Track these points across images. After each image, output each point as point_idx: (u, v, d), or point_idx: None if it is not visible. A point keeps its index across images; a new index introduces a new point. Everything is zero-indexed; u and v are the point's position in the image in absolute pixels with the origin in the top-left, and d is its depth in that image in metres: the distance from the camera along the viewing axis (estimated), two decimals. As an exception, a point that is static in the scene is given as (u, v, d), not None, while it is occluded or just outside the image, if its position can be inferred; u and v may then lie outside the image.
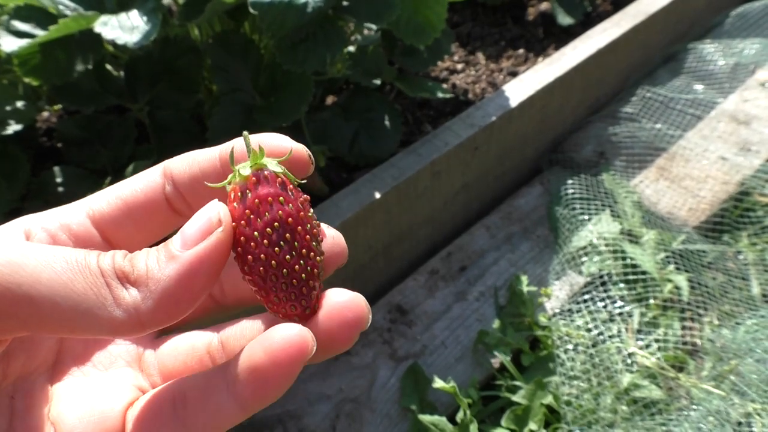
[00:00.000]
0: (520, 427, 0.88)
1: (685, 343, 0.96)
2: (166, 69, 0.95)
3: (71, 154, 0.98)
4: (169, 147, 0.95)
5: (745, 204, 1.16)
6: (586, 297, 1.02)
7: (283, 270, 0.28)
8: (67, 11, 0.82)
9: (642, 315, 0.98)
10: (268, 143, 0.30)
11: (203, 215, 0.27)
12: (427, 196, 1.03)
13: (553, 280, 1.07)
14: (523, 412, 0.89)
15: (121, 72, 1.00)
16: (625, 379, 0.90)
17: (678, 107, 1.35)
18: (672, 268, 1.04)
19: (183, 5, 0.87)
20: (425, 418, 0.86)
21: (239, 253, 0.28)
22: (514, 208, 1.21)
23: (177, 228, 0.32)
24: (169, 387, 0.29)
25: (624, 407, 0.88)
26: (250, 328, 0.33)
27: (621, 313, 0.99)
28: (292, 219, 0.28)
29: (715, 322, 0.99)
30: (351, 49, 1.09)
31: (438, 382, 0.89)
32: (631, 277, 1.03)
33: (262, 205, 0.28)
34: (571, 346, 0.95)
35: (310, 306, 0.29)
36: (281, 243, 0.28)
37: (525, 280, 1.03)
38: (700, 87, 1.39)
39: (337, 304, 0.28)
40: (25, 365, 0.31)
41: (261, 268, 0.28)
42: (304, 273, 0.28)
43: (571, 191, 1.17)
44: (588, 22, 1.43)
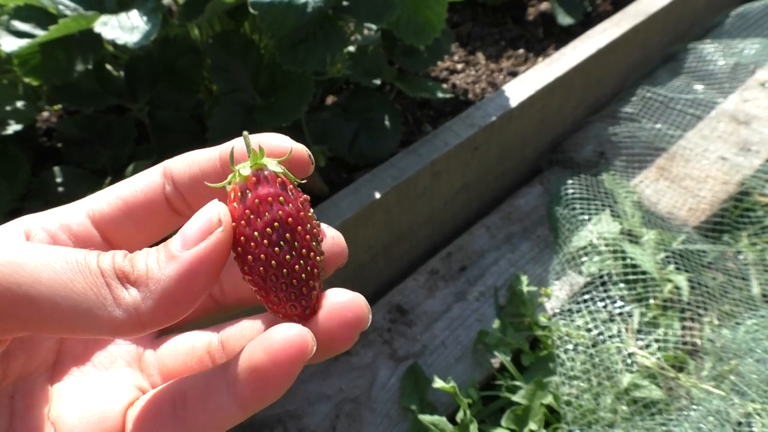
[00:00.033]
0: (520, 427, 0.88)
1: (685, 343, 0.96)
2: (166, 69, 0.95)
3: (71, 154, 0.98)
4: (169, 147, 0.95)
5: (745, 204, 1.16)
6: (586, 297, 1.02)
7: (283, 270, 0.28)
8: (67, 11, 0.82)
9: (642, 315, 0.98)
10: (268, 143, 0.30)
11: (203, 215, 0.27)
12: (427, 196, 1.03)
13: (553, 280, 1.07)
14: (523, 412, 0.89)
15: (121, 72, 1.00)
16: (625, 379, 0.90)
17: (678, 107, 1.35)
18: (672, 268, 1.04)
19: (183, 5, 0.87)
20: (425, 418, 0.86)
21: (239, 253, 0.28)
22: (514, 208, 1.21)
23: (177, 228, 0.32)
24: (169, 387, 0.29)
25: (624, 407, 0.88)
26: (250, 328, 0.33)
27: (621, 313, 0.99)
28: (292, 219, 0.28)
29: (715, 322, 0.99)
30: (351, 49, 1.09)
31: (438, 382, 0.89)
32: (631, 277, 1.03)
33: (262, 205, 0.28)
34: (571, 346, 0.95)
35: (310, 306, 0.29)
36: (281, 243, 0.28)
37: (525, 280, 1.03)
38: (700, 87, 1.39)
39: (337, 304, 0.28)
40: (25, 365, 0.31)
41: (261, 268, 0.28)
42: (304, 273, 0.28)
43: (571, 191, 1.17)
44: (588, 22, 1.43)
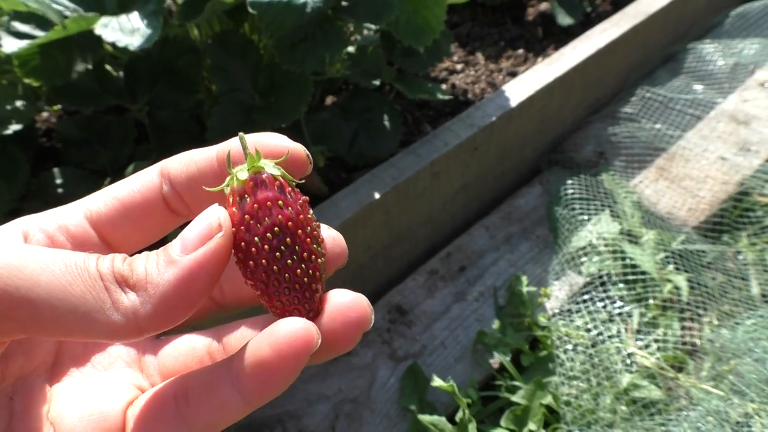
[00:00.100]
0: (520, 428, 0.88)
1: (684, 343, 0.97)
2: (166, 69, 0.95)
3: (71, 155, 0.98)
4: (168, 147, 0.95)
5: (745, 204, 1.16)
6: (586, 297, 1.02)
7: (285, 275, 0.28)
8: (67, 12, 0.82)
9: (641, 315, 0.98)
10: (265, 144, 0.30)
11: (203, 220, 0.27)
12: (426, 196, 1.03)
13: (553, 280, 1.07)
14: (522, 412, 0.89)
15: (121, 72, 1.00)
16: (625, 380, 0.90)
17: (677, 107, 1.35)
18: (671, 268, 1.04)
19: (182, 5, 0.87)
20: (424, 418, 0.86)
21: (240, 259, 0.28)
22: (513, 208, 1.21)
23: (175, 228, 0.32)
24: (171, 384, 0.29)
25: (623, 407, 0.88)
26: (251, 330, 0.33)
27: (620, 314, 0.99)
28: (292, 223, 0.28)
29: (715, 322, 0.99)
30: (350, 49, 1.09)
31: (437, 381, 0.89)
32: (630, 277, 1.03)
33: (262, 209, 0.28)
34: (570, 347, 0.95)
35: (314, 308, 0.29)
36: (282, 248, 0.28)
37: (524, 280, 1.03)
38: (699, 87, 1.39)
39: (340, 305, 0.28)
40: (24, 366, 0.31)
41: (263, 274, 0.28)
42: (306, 276, 0.28)
43: (570, 191, 1.17)
44: (587, 22, 1.43)
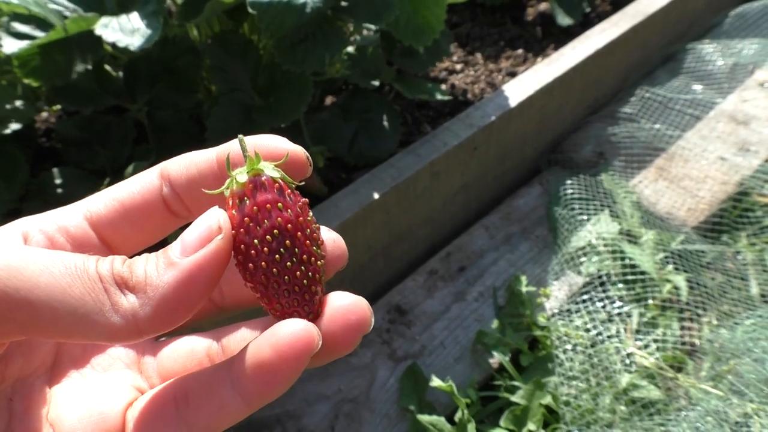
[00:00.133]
0: (519, 428, 0.88)
1: (683, 343, 0.97)
2: (165, 69, 0.95)
3: (70, 155, 0.98)
4: (168, 147, 0.96)
5: (744, 204, 1.17)
6: (585, 297, 1.02)
7: (285, 277, 0.28)
8: (67, 12, 0.82)
9: (641, 315, 0.98)
10: (265, 145, 0.30)
11: (203, 222, 0.27)
12: (426, 196, 1.03)
13: (552, 280, 1.07)
14: (521, 412, 0.89)
15: (120, 72, 1.00)
16: (624, 380, 0.90)
17: (677, 107, 1.35)
18: (671, 268, 1.04)
19: (182, 5, 0.87)
20: (424, 418, 0.87)
21: (240, 261, 0.28)
22: (513, 208, 1.21)
23: (174, 230, 0.32)
24: (171, 385, 0.29)
25: (623, 407, 0.88)
26: (250, 332, 0.33)
27: (620, 314, 0.99)
28: (291, 225, 0.28)
29: (714, 323, 0.99)
30: (350, 49, 1.09)
31: (435, 381, 0.89)
32: (629, 277, 1.03)
33: (261, 212, 0.28)
34: (569, 347, 0.95)
35: (313, 311, 0.29)
36: (281, 250, 0.28)
37: (524, 280, 1.04)
38: (699, 87, 1.39)
39: (340, 308, 0.28)
40: (23, 368, 0.31)
41: (262, 276, 0.28)
42: (306, 279, 0.28)
43: (570, 191, 1.17)
44: (587, 22, 1.43)
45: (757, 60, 1.41)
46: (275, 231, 0.28)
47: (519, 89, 1.12)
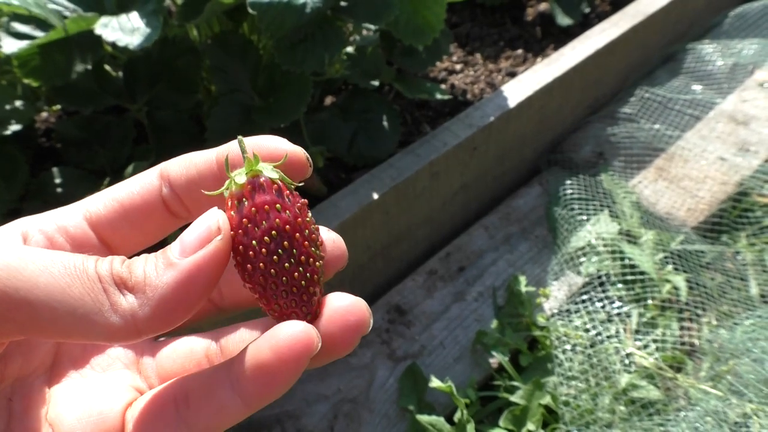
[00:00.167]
0: (518, 428, 0.88)
1: (683, 343, 0.97)
2: (165, 69, 0.95)
3: (70, 155, 0.98)
4: (167, 147, 0.96)
5: (744, 204, 1.17)
6: (585, 297, 1.02)
7: (283, 278, 0.28)
8: (67, 12, 0.82)
9: (640, 315, 0.99)
10: (264, 146, 0.30)
11: (202, 223, 0.27)
12: (425, 196, 1.03)
13: (552, 280, 1.07)
14: (521, 412, 0.89)
15: (120, 72, 1.00)
16: (623, 380, 0.90)
17: (677, 108, 1.35)
18: (670, 268, 1.04)
19: (182, 5, 0.87)
20: (423, 419, 0.87)
21: (238, 262, 0.28)
22: (512, 208, 1.21)
23: (174, 230, 0.32)
24: (170, 386, 0.29)
25: (622, 407, 0.88)
26: (249, 333, 0.33)
27: (619, 314, 0.99)
28: (289, 226, 0.28)
29: (713, 323, 0.99)
30: (350, 49, 1.09)
31: (434, 382, 0.89)
32: (629, 277, 1.03)
33: (259, 213, 0.28)
34: (569, 347, 0.95)
35: (311, 312, 0.29)
36: (279, 251, 0.28)
37: (523, 280, 1.04)
38: (698, 87, 1.39)
39: (339, 309, 0.29)
40: (22, 368, 0.31)
41: (261, 277, 0.28)
42: (304, 280, 0.28)
43: (569, 191, 1.17)
44: (587, 22, 1.43)
45: (756, 60, 1.41)
46: (273, 232, 0.28)
47: (519, 89, 1.12)
